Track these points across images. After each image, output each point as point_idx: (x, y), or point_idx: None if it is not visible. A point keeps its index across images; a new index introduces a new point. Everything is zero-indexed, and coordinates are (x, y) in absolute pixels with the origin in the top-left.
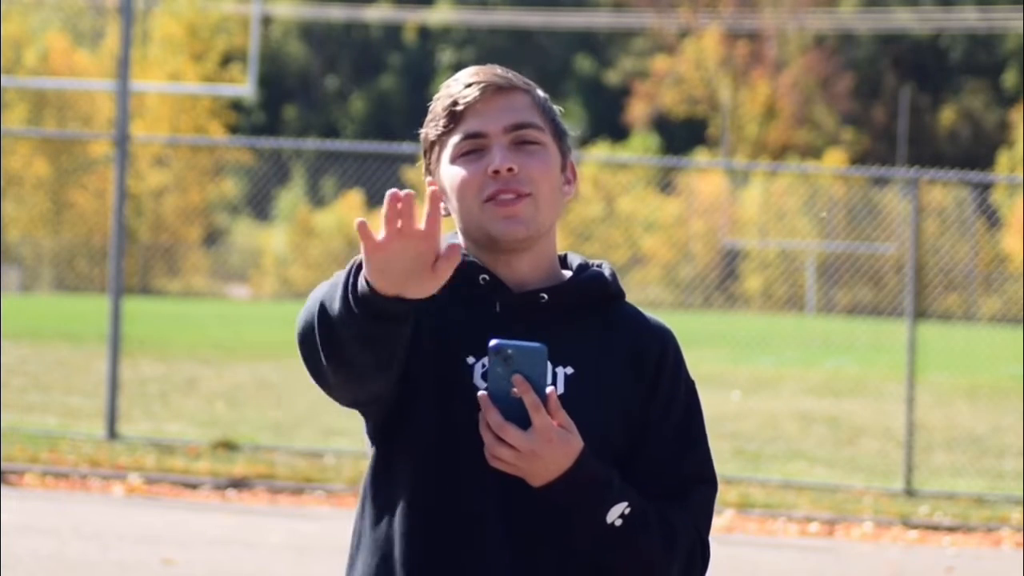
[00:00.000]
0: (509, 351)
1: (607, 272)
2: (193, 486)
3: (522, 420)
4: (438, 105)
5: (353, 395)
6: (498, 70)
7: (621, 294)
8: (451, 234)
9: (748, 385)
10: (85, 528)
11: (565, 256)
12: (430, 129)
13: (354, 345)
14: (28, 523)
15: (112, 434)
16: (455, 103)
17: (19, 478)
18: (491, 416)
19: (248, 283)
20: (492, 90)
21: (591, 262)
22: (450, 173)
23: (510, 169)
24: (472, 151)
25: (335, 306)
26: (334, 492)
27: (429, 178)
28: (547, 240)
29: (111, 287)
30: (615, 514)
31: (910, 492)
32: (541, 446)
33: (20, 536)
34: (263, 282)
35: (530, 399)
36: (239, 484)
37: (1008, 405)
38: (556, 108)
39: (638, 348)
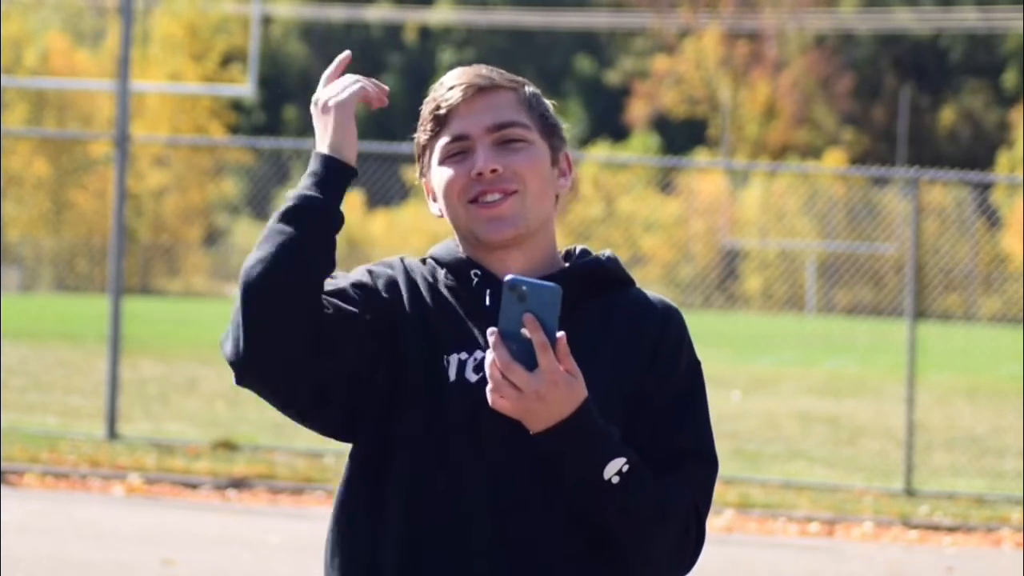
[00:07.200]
0: (523, 287)
1: (604, 258)
2: (193, 486)
3: (530, 362)
4: (425, 109)
5: (290, 387)
6: (483, 70)
7: (625, 280)
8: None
9: (748, 385)
10: (85, 528)
11: (574, 249)
12: (420, 133)
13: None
14: (28, 523)
15: (112, 434)
16: (438, 107)
17: (19, 478)
18: (499, 353)
19: None
20: (473, 91)
21: (595, 252)
22: (438, 175)
23: (493, 170)
24: (458, 153)
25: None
26: (334, 492)
27: (423, 180)
28: (542, 235)
29: (111, 287)
30: (612, 470)
31: (910, 492)
32: (546, 388)
33: (20, 536)
34: None
35: (539, 339)
36: (239, 484)
37: (1008, 405)
38: (548, 103)
39: (638, 329)
